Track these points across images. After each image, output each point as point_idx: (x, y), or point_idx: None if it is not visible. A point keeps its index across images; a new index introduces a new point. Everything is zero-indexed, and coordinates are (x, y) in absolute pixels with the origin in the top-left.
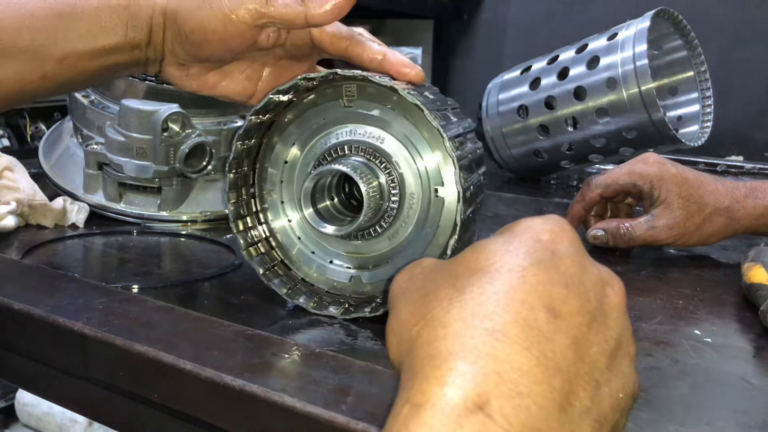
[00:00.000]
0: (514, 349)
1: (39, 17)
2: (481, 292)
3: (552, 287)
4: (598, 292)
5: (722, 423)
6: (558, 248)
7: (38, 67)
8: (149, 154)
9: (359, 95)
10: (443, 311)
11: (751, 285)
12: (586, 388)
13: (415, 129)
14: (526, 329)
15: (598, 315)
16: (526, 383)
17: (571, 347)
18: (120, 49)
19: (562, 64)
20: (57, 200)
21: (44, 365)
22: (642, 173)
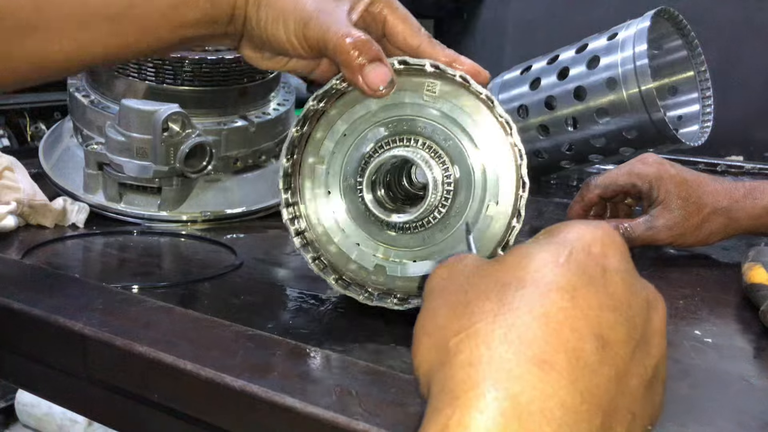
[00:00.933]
0: (561, 384)
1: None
2: (529, 311)
3: (602, 312)
4: (644, 317)
5: (723, 423)
6: (609, 264)
7: (119, 36)
8: (149, 154)
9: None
10: (488, 328)
11: (751, 285)
12: (623, 423)
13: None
14: (572, 360)
15: (641, 342)
16: (569, 422)
17: (614, 380)
18: (201, 24)
19: (562, 64)
20: (57, 200)
21: (44, 365)
22: (641, 174)
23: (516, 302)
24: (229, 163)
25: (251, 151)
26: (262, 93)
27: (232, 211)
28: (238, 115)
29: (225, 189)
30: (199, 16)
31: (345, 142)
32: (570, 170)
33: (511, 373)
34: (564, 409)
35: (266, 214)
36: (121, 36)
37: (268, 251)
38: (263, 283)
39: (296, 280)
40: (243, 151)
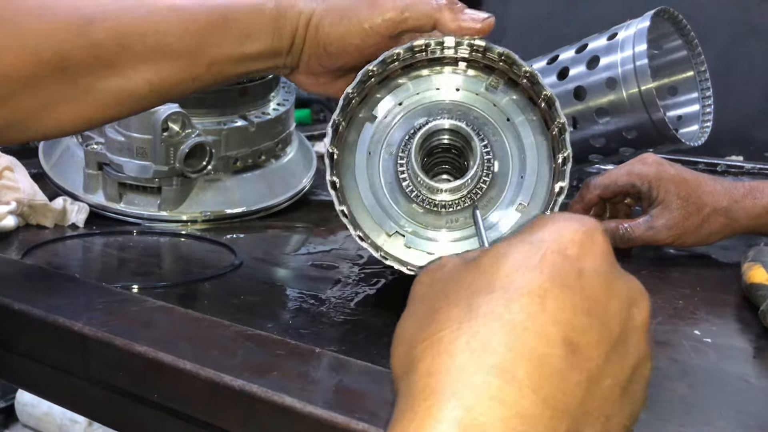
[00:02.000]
0: (522, 393)
1: (198, 23)
2: (495, 318)
3: (573, 316)
4: (623, 317)
5: (722, 423)
6: (586, 266)
7: (191, 70)
8: (149, 154)
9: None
10: (452, 336)
11: (751, 285)
12: (595, 425)
13: (533, 142)
14: (538, 367)
15: (618, 344)
16: (525, 430)
17: (584, 384)
18: (263, 57)
19: (562, 63)
20: (57, 200)
21: (44, 365)
22: (640, 174)
23: (483, 309)
24: (229, 163)
25: (251, 151)
26: (262, 93)
27: (232, 211)
28: (238, 115)
29: (225, 189)
30: (262, 48)
31: (398, 111)
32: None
33: (470, 383)
34: (523, 419)
35: (266, 214)
36: (193, 69)
37: (268, 251)
38: (263, 283)
39: (296, 280)
40: (243, 151)
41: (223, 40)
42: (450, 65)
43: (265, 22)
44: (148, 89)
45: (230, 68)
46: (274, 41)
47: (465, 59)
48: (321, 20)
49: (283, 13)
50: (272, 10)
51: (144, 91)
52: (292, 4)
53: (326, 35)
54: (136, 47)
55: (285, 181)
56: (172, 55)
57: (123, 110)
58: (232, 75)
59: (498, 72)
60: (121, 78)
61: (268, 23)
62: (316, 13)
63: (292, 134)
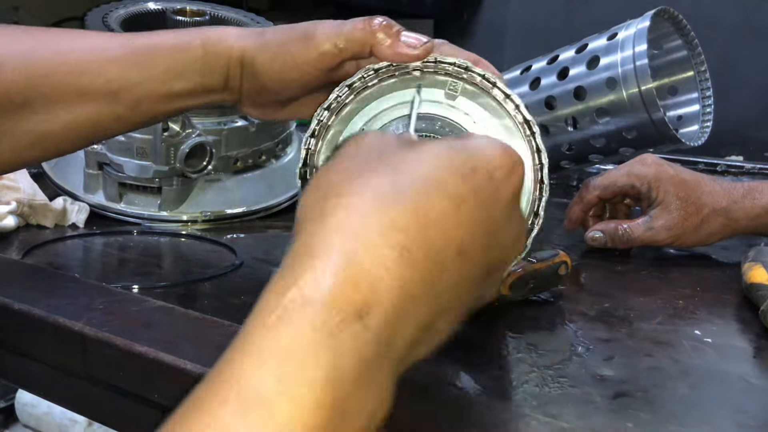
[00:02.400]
0: (411, 270)
1: (117, 63)
2: (413, 207)
3: (475, 229)
4: (506, 249)
5: (723, 423)
6: (502, 192)
7: (113, 109)
8: (149, 154)
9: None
10: (366, 204)
11: (751, 285)
12: (450, 318)
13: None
14: (430, 255)
15: (490, 266)
16: (404, 305)
17: (458, 285)
18: (195, 94)
19: (562, 63)
20: (57, 200)
21: (44, 365)
22: (640, 175)
23: (406, 193)
24: (230, 163)
25: (251, 151)
26: None
27: (232, 211)
28: (239, 115)
29: (225, 189)
30: (191, 87)
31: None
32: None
33: (369, 248)
34: (404, 293)
35: (266, 214)
36: (115, 109)
37: (268, 251)
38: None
39: None
40: (243, 150)
41: (144, 79)
42: (404, 78)
43: (192, 60)
44: (64, 131)
45: (161, 106)
46: (204, 78)
47: (418, 69)
48: (255, 57)
49: (211, 50)
50: (198, 47)
51: (60, 133)
52: (221, 41)
53: (263, 73)
54: (45, 89)
55: (285, 181)
56: (88, 95)
57: (39, 153)
58: (166, 112)
59: (456, 74)
60: (34, 120)
61: (196, 61)
62: (248, 49)
63: (292, 134)
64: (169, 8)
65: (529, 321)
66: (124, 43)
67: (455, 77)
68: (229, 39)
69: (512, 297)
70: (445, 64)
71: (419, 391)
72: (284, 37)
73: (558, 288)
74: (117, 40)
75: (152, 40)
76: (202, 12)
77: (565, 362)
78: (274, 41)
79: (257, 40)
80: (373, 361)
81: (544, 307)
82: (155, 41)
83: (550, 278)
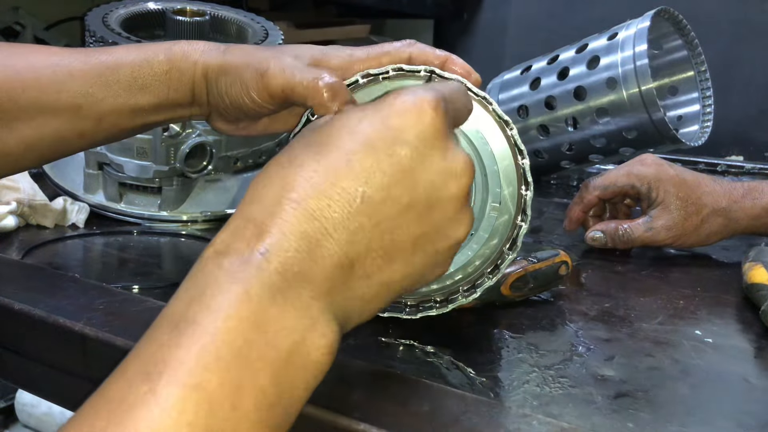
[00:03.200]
0: (305, 219)
1: (77, 78)
2: (305, 169)
3: (372, 175)
4: (432, 183)
5: (723, 423)
6: (404, 136)
7: (76, 125)
8: (149, 154)
9: None
10: (269, 189)
11: (751, 285)
12: (376, 260)
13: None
14: (323, 204)
15: (420, 205)
16: (306, 244)
17: (369, 226)
18: (162, 108)
19: (563, 64)
20: (57, 200)
21: (44, 365)
22: (640, 175)
23: (303, 158)
24: (230, 162)
25: (251, 151)
26: None
27: (233, 211)
28: None
29: (225, 189)
30: (156, 101)
31: None
32: (570, 170)
33: (266, 210)
34: (303, 236)
35: None
36: (77, 125)
37: None
38: None
39: None
40: (243, 150)
41: (108, 95)
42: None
43: (156, 74)
44: (24, 149)
45: (126, 121)
46: (170, 93)
47: (387, 77)
48: (217, 77)
49: (176, 65)
50: (163, 62)
51: (20, 150)
52: (186, 56)
53: (225, 94)
54: (5, 105)
55: None
56: (49, 111)
57: (1, 169)
58: (132, 128)
59: (426, 78)
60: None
61: (160, 75)
62: (211, 67)
63: None
64: (169, 8)
65: (529, 321)
66: (86, 59)
67: (424, 80)
68: (193, 54)
69: (513, 297)
70: (414, 72)
71: (419, 391)
72: (242, 62)
73: (558, 288)
74: (78, 55)
75: (115, 55)
76: (202, 12)
77: (566, 362)
78: (232, 64)
79: (219, 60)
80: (287, 289)
81: (544, 307)
82: (118, 56)
83: (551, 278)
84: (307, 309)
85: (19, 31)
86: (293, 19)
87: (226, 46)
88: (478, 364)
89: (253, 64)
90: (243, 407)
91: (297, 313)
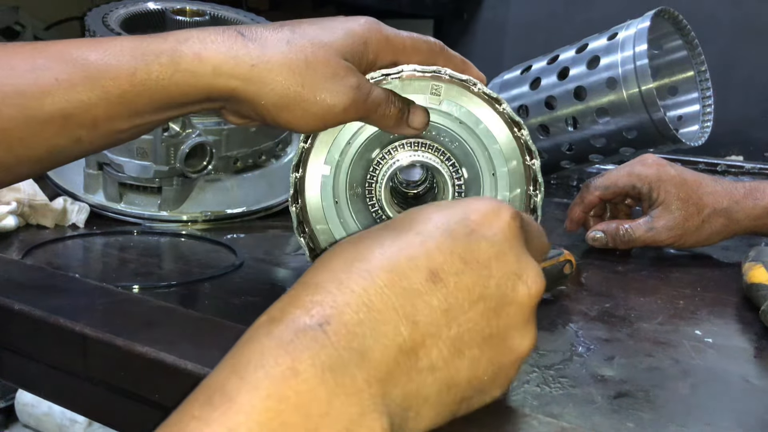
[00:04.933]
0: (375, 289)
1: (63, 83)
2: (379, 244)
3: (448, 257)
4: (505, 282)
5: (723, 423)
6: (482, 231)
7: (70, 133)
8: (150, 154)
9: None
10: (339, 258)
11: (751, 285)
12: (443, 350)
13: (494, 141)
14: (396, 279)
15: (491, 301)
16: (370, 319)
17: (440, 311)
18: (164, 109)
19: (563, 63)
20: (57, 200)
21: (44, 365)
22: (640, 175)
23: (377, 239)
24: (230, 162)
25: (251, 151)
26: None
27: (233, 211)
28: None
29: (225, 189)
30: (159, 104)
31: (349, 151)
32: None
33: (335, 277)
34: (369, 309)
35: (266, 214)
36: (72, 132)
37: (268, 251)
38: (263, 283)
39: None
40: (243, 150)
41: (99, 100)
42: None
43: (156, 80)
44: (16, 158)
45: (124, 124)
46: (175, 96)
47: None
48: (255, 96)
49: (183, 68)
50: (165, 65)
51: (13, 160)
52: (198, 59)
53: (263, 111)
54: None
55: (285, 181)
56: (35, 120)
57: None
58: (132, 131)
59: (434, 78)
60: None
61: (161, 80)
62: (244, 85)
63: (292, 134)
64: (168, 8)
65: None
66: (73, 60)
67: (437, 79)
68: (211, 60)
69: None
70: (429, 72)
71: None
72: (295, 84)
73: (559, 288)
74: (65, 55)
75: (105, 56)
76: (202, 12)
77: (566, 362)
78: (281, 85)
79: (257, 77)
80: (340, 368)
81: (545, 307)
82: (109, 58)
83: (556, 276)
84: (358, 395)
85: (19, 31)
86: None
87: (252, 43)
88: None
89: (308, 96)
90: None
91: (347, 399)
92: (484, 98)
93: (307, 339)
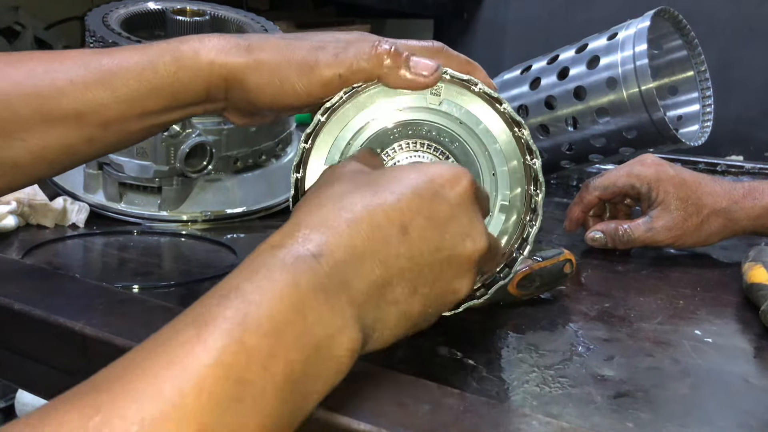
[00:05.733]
0: (359, 236)
1: (77, 84)
2: (361, 198)
3: (416, 215)
4: (457, 238)
5: (723, 423)
6: (443, 193)
7: (82, 132)
8: (150, 154)
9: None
10: (328, 207)
11: (751, 285)
12: (405, 288)
13: (494, 140)
14: (374, 230)
15: (445, 252)
16: (354, 259)
17: (405, 258)
18: (170, 110)
19: (562, 63)
20: (57, 200)
21: (44, 365)
22: (640, 175)
23: (359, 193)
24: (230, 162)
25: (251, 151)
26: None
27: (233, 211)
28: None
29: (225, 189)
30: (165, 104)
31: (349, 151)
32: (570, 170)
33: (324, 222)
34: (353, 250)
35: (266, 214)
36: (84, 132)
37: None
38: None
39: None
40: (243, 150)
41: (112, 101)
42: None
43: (162, 77)
44: (33, 158)
45: (133, 125)
46: (179, 95)
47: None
48: (245, 78)
49: (185, 66)
50: (169, 64)
51: (28, 160)
52: (196, 55)
53: (255, 95)
54: (6, 116)
55: (285, 181)
56: (51, 120)
57: (8, 183)
58: (143, 130)
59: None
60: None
61: (166, 78)
62: (236, 68)
63: (292, 134)
64: (169, 8)
65: (529, 321)
66: (86, 64)
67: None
68: (207, 53)
69: (519, 295)
70: None
71: (419, 391)
72: (280, 59)
73: (558, 288)
74: (78, 59)
75: (117, 58)
76: (202, 12)
77: (566, 362)
78: (268, 63)
79: (247, 59)
80: (330, 290)
81: (545, 307)
82: (121, 59)
83: (556, 276)
84: (342, 312)
85: (19, 31)
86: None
87: (246, 40)
88: (477, 363)
89: (296, 59)
90: (272, 371)
91: (333, 313)
92: (485, 98)
93: (306, 265)
